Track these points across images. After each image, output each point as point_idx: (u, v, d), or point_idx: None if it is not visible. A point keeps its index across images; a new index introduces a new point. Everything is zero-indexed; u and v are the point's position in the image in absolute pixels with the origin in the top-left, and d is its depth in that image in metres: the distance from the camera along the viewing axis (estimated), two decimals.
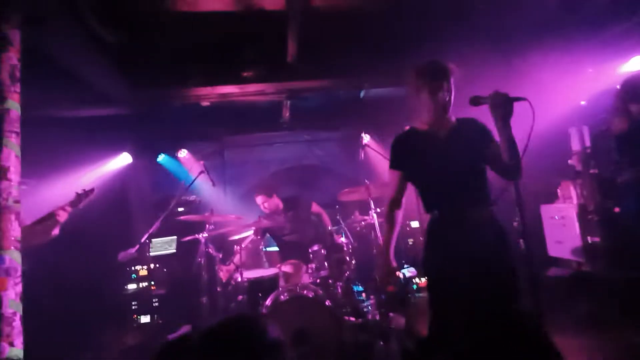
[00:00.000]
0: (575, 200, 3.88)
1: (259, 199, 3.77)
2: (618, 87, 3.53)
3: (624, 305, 3.20)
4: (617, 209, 3.48)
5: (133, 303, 3.89)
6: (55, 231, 2.55)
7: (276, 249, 4.75)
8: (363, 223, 3.51)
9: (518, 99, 1.56)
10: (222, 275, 3.39)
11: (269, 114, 4.89)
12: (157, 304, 3.86)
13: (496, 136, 1.70)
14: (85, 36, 3.03)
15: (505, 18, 3.14)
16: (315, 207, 3.92)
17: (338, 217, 4.01)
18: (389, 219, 1.91)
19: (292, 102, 4.51)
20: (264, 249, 4.08)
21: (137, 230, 4.31)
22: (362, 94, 4.39)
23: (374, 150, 3.72)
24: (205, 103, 4.34)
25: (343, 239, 3.23)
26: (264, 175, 5.53)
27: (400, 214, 1.92)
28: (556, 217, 4.05)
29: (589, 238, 3.68)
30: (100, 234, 4.18)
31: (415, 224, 4.96)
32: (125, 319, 3.91)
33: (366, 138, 4.22)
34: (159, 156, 5.09)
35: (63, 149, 4.40)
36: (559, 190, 4.10)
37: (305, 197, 3.99)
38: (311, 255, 3.24)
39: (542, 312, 1.63)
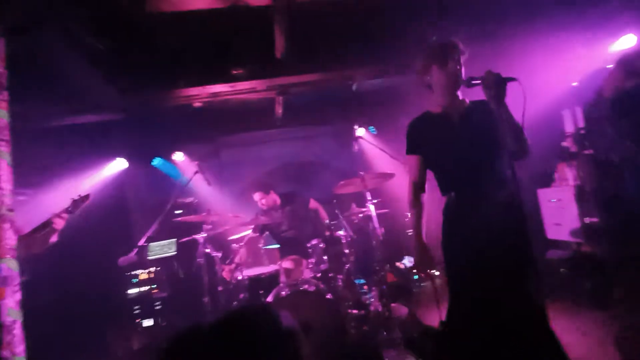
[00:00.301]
0: (571, 182, 3.88)
1: (257, 196, 3.77)
2: (611, 66, 3.53)
3: (625, 283, 3.23)
4: (614, 188, 3.49)
5: (135, 307, 3.90)
6: (54, 238, 2.55)
7: (276, 246, 4.76)
8: (360, 215, 3.51)
9: (509, 79, 1.58)
10: (225, 274, 3.39)
11: (262, 112, 4.88)
12: (159, 306, 3.87)
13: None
14: (73, 44, 3.02)
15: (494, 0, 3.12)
16: (312, 203, 3.92)
17: (336, 211, 4.01)
18: (415, 203, 1.88)
19: (285, 99, 4.50)
20: (263, 247, 4.08)
21: (137, 235, 4.31)
22: (354, 86, 4.38)
23: (367, 142, 3.71)
24: (197, 104, 4.33)
25: (341, 232, 3.23)
26: (261, 174, 5.53)
27: (425, 197, 1.90)
28: (553, 199, 4.05)
29: (587, 219, 3.69)
30: (100, 240, 4.19)
31: None
32: (128, 324, 3.92)
33: (359, 131, 4.21)
34: (154, 160, 5.07)
35: (59, 158, 4.40)
36: (555, 173, 4.10)
37: (302, 193, 3.99)
38: (310, 250, 3.25)
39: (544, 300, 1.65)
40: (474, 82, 1.65)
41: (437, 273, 4.03)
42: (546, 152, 4.17)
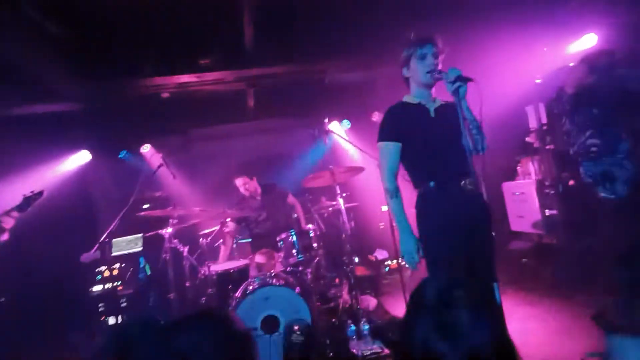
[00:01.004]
0: (533, 176, 4.04)
1: (240, 181, 3.73)
2: (572, 64, 3.67)
3: (583, 270, 3.40)
4: (571, 182, 3.65)
5: (100, 305, 3.76)
6: (4, 237, 2.42)
7: (248, 240, 4.71)
8: (330, 209, 3.51)
9: (468, 78, 1.61)
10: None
11: (233, 104, 4.78)
12: (124, 304, 3.75)
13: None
14: (29, 29, 2.83)
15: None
16: (290, 198, 3.90)
17: (309, 205, 4.01)
18: (396, 192, 1.83)
19: (256, 91, 4.42)
20: (236, 241, 4.03)
21: (102, 230, 4.15)
22: (326, 79, 4.35)
23: (338, 135, 3.70)
24: (164, 94, 4.19)
25: (310, 226, 3.23)
26: (231, 166, 5.43)
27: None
28: (517, 193, 4.21)
29: (547, 211, 3.85)
30: (63, 236, 4.01)
31: (385, 208, 5.03)
32: (92, 322, 3.79)
33: (331, 124, 4.20)
34: (121, 153, 4.87)
35: (17, 149, 4.16)
36: (518, 168, 4.25)
37: (281, 187, 3.95)
38: (280, 244, 3.23)
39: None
40: (437, 75, 1.74)
41: (404, 264, 4.13)
42: (511, 147, 4.32)
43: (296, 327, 2.53)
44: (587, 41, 3.79)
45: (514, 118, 4.14)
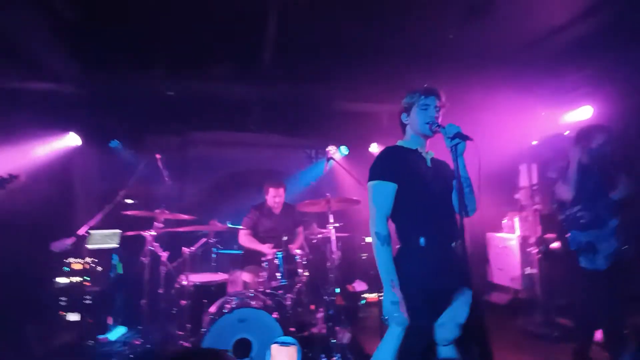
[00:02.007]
0: (517, 232, 4.15)
1: (277, 192, 3.66)
2: (568, 132, 3.86)
3: (557, 329, 3.49)
4: (554, 244, 3.77)
5: (62, 299, 3.55)
6: None
7: (229, 251, 4.58)
8: (320, 236, 3.49)
9: (467, 137, 1.63)
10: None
11: (237, 114, 4.76)
12: (89, 301, 3.55)
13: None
14: (41, 9, 2.78)
15: (469, 56, 3.33)
16: (300, 228, 3.87)
17: (297, 229, 3.96)
18: (388, 239, 1.66)
19: (262, 104, 4.43)
20: (215, 251, 3.92)
21: (77, 219, 3.97)
22: (332, 105, 4.41)
23: (338, 164, 3.72)
24: (169, 92, 4.14)
25: (298, 251, 3.18)
26: (225, 175, 5.36)
27: None
28: (500, 245, 4.30)
29: (527, 268, 3.94)
30: (35, 220, 3.80)
31: (369, 239, 5.03)
32: (52, 316, 3.56)
33: (333, 151, 4.23)
34: (112, 142, 4.74)
35: (5, 122, 3.99)
36: (504, 221, 4.37)
37: (298, 212, 3.82)
38: (265, 264, 3.16)
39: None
40: (437, 128, 1.73)
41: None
42: (499, 200, 4.45)
43: None
44: (583, 112, 4.01)
45: (506, 173, 4.29)
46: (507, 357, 3.08)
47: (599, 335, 2.70)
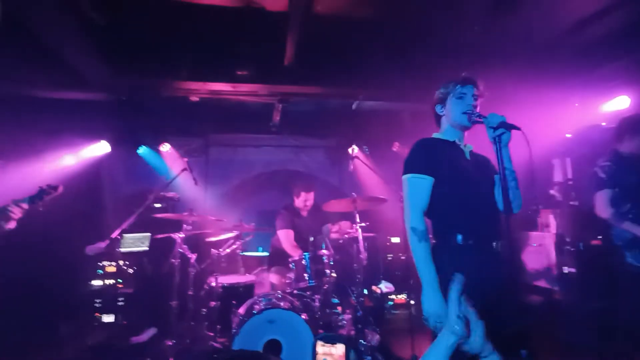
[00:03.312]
0: (553, 230, 3.96)
1: (308, 195, 3.64)
2: (604, 123, 3.67)
3: (593, 333, 3.28)
4: (594, 241, 3.57)
5: (97, 300, 3.67)
6: (10, 225, 2.35)
7: (254, 254, 4.62)
8: (346, 236, 3.45)
9: (513, 126, 1.54)
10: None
11: (258, 116, 4.80)
12: (122, 303, 3.65)
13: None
14: (72, 14, 2.88)
15: (499, 49, 3.22)
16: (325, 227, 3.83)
17: (323, 228, 3.95)
18: (425, 235, 1.56)
19: (283, 107, 4.45)
20: (241, 253, 3.96)
21: (107, 223, 4.09)
22: (354, 105, 4.37)
23: (363, 163, 3.68)
24: (194, 98, 4.22)
25: (325, 251, 3.16)
26: (248, 177, 5.41)
27: None
28: (534, 244, 4.12)
29: (564, 268, 3.75)
30: (68, 224, 3.95)
31: (396, 240, 4.95)
32: (86, 317, 3.68)
33: (355, 150, 4.19)
34: (139, 148, 4.88)
35: (38, 130, 4.17)
36: (538, 219, 4.18)
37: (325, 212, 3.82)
38: (292, 265, 3.15)
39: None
40: (477, 118, 1.63)
41: (412, 302, 4.02)
42: (533, 197, 4.26)
43: None
44: (619, 103, 3.80)
45: (539, 168, 4.11)
46: None
47: None
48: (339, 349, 2.14)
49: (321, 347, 2.34)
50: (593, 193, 2.43)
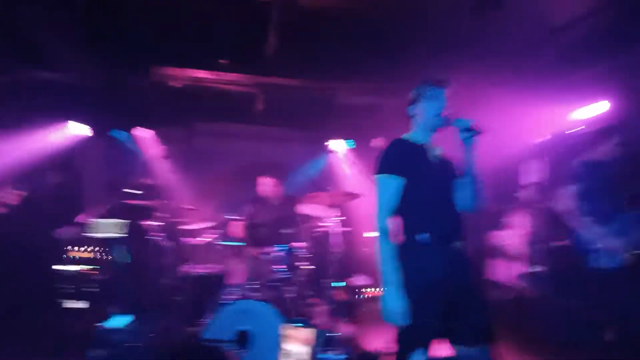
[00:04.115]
0: (520, 230, 4.10)
1: (264, 180, 3.69)
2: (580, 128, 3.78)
3: (563, 328, 3.44)
4: (561, 242, 3.71)
5: (68, 286, 3.61)
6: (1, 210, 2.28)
7: (232, 243, 4.61)
8: (321, 229, 3.49)
9: (479, 130, 1.59)
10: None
11: (242, 106, 4.76)
12: (94, 290, 3.61)
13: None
14: None
15: (477, 50, 3.27)
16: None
17: (300, 219, 3.97)
18: (390, 234, 1.61)
19: (267, 97, 4.42)
20: (218, 243, 3.95)
21: (84, 208, 4.03)
22: (337, 98, 4.38)
23: (339, 158, 3.71)
24: (175, 84, 4.15)
25: (300, 243, 3.19)
26: (230, 167, 5.38)
27: None
28: (504, 243, 4.25)
29: (532, 266, 3.90)
30: (42, 208, 3.87)
31: (370, 234, 5.01)
32: (56, 303, 3.62)
33: (334, 144, 4.20)
34: (119, 132, 4.79)
35: (14, 111, 4.05)
36: (508, 218, 4.31)
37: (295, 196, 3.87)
38: (266, 256, 3.18)
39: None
40: (448, 120, 1.68)
41: None
42: (502, 197, 4.39)
43: None
44: (596, 108, 3.88)
45: (511, 170, 4.23)
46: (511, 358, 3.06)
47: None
48: (307, 332, 2.19)
49: (288, 330, 2.38)
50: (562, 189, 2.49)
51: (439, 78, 1.77)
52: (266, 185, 3.70)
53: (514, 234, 4.15)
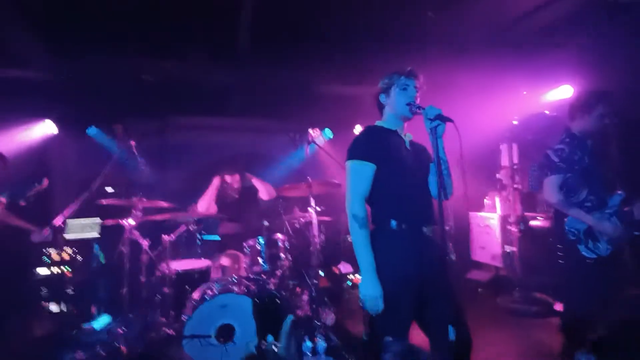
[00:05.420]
0: (499, 211, 4.21)
1: (232, 178, 3.69)
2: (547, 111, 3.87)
3: (536, 305, 3.59)
4: (536, 222, 3.83)
5: (43, 289, 3.51)
6: None
7: (214, 238, 4.57)
8: (302, 220, 3.49)
9: (448, 118, 1.61)
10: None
11: (217, 98, 4.65)
12: (72, 291, 3.53)
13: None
14: None
15: (449, 37, 3.29)
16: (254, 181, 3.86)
17: (280, 210, 3.96)
18: (366, 221, 1.62)
19: (242, 88, 4.33)
20: (201, 237, 3.90)
21: (57, 209, 3.89)
22: (312, 88, 4.34)
23: (320, 147, 3.69)
24: (146, 77, 4.01)
25: (279, 235, 3.18)
26: (209, 161, 5.28)
27: None
28: (481, 224, 4.37)
29: (507, 247, 4.03)
30: (13, 210, 3.72)
31: None
32: (33, 307, 3.53)
33: (314, 134, 4.17)
34: (89, 129, 4.61)
35: None
36: (486, 200, 4.42)
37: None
38: (246, 249, 3.16)
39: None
40: (417, 109, 1.70)
41: None
42: (481, 180, 4.50)
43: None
44: (563, 92, 4.01)
45: (488, 153, 4.32)
46: (488, 333, 3.18)
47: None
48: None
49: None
50: (545, 177, 2.26)
51: (409, 69, 1.80)
52: (233, 181, 3.72)
53: (492, 215, 4.26)
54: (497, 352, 2.82)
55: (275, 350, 2.34)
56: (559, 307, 2.80)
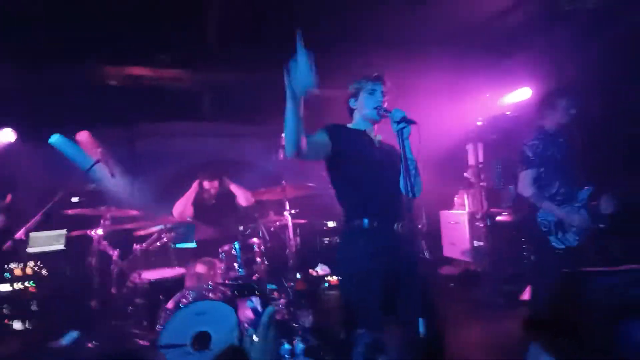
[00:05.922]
0: (467, 208, 4.40)
1: (210, 184, 3.65)
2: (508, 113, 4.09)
3: (504, 297, 3.75)
4: (501, 217, 4.01)
5: (4, 306, 3.33)
6: None
7: (189, 245, 4.48)
8: (277, 224, 3.50)
9: (412, 121, 1.69)
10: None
11: (188, 103, 4.58)
12: (35, 307, 3.36)
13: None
14: None
15: (412, 41, 3.42)
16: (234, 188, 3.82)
17: (256, 215, 3.94)
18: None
19: (214, 92, 4.29)
20: (174, 246, 3.82)
21: (19, 222, 3.70)
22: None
23: None
24: (112, 82, 3.90)
25: (255, 240, 3.18)
26: (182, 168, 5.18)
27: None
28: (451, 222, 4.54)
29: (475, 242, 4.21)
30: None
31: (332, 224, 5.12)
32: None
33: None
34: (52, 137, 4.42)
35: None
36: (455, 198, 4.61)
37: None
38: (221, 255, 3.13)
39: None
40: (384, 113, 1.79)
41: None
42: (452, 178, 4.68)
43: None
44: (522, 94, 4.25)
45: (456, 153, 4.50)
46: (459, 326, 3.30)
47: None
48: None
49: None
50: (520, 171, 2.36)
51: (377, 74, 1.88)
52: (210, 187, 3.67)
53: (461, 212, 4.44)
54: (466, 343, 2.94)
55: (255, 339, 2.35)
56: (525, 296, 2.94)
